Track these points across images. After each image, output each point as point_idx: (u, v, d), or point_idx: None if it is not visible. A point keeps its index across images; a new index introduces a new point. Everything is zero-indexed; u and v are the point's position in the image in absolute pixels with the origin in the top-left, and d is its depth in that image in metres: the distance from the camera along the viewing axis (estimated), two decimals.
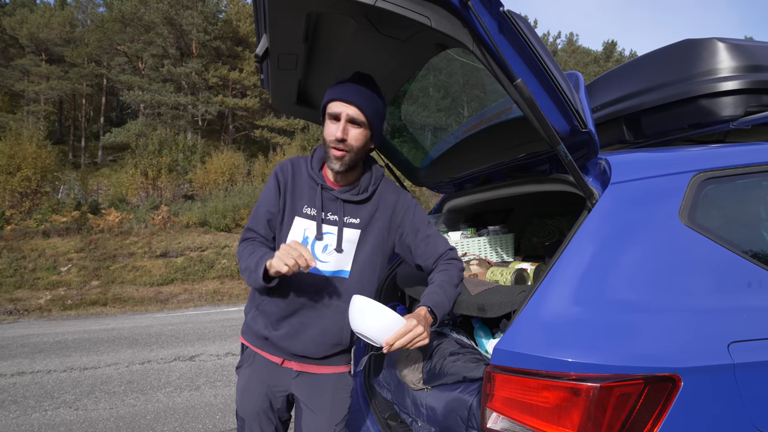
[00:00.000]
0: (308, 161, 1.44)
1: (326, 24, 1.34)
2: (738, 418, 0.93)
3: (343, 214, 1.38)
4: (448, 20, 1.02)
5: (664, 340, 0.95)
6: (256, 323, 1.41)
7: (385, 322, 1.13)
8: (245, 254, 1.34)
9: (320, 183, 1.39)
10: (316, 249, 1.37)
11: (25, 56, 25.75)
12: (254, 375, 1.42)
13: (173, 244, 12.69)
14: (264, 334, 1.40)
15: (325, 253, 1.37)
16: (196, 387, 4.04)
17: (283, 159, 1.42)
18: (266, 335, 1.40)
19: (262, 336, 1.41)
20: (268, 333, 1.39)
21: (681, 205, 1.10)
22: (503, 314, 1.19)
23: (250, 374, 1.43)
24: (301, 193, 1.40)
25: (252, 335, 1.43)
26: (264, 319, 1.40)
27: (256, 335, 1.42)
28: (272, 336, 1.39)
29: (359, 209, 1.40)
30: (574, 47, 37.28)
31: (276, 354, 1.41)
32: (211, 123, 27.09)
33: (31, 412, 3.57)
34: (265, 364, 1.42)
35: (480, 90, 1.78)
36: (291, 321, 1.38)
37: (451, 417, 1.33)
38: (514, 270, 1.43)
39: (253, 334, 1.43)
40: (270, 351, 1.41)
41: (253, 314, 1.43)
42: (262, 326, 1.40)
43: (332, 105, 1.31)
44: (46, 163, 15.47)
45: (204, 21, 24.55)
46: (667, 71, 1.78)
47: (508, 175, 1.74)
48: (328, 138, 1.32)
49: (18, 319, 8.52)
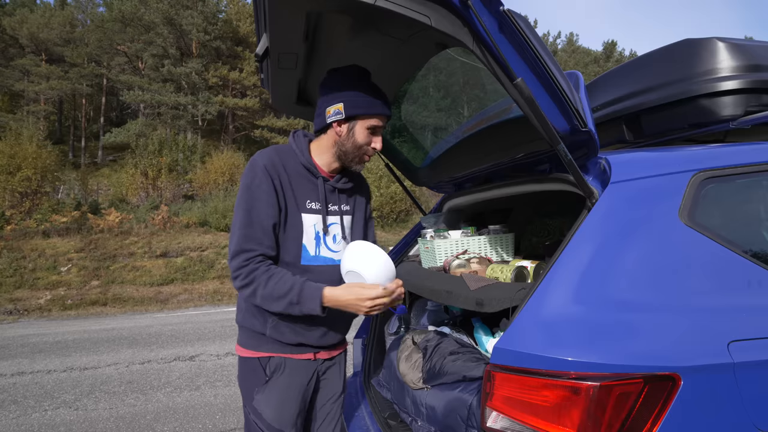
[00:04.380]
0: (297, 153, 1.39)
1: (326, 23, 1.34)
2: (737, 417, 0.93)
3: (340, 202, 1.44)
4: (448, 19, 1.02)
5: (663, 339, 0.95)
6: (279, 333, 1.35)
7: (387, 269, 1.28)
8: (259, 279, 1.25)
9: (320, 176, 1.40)
10: (328, 241, 1.41)
11: (25, 56, 25.73)
12: (291, 382, 1.38)
13: (173, 244, 12.69)
14: (297, 341, 1.37)
15: (335, 244, 1.42)
16: (196, 387, 4.04)
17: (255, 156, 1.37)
18: (300, 341, 1.37)
19: (293, 342, 1.37)
20: (303, 338, 1.37)
21: (681, 204, 1.10)
22: (502, 309, 1.19)
23: (287, 383, 1.37)
24: (300, 188, 1.37)
25: (276, 344, 1.37)
26: (289, 325, 1.35)
27: (283, 343, 1.37)
28: (308, 338, 1.38)
29: (348, 196, 1.48)
30: (574, 47, 37.28)
31: (309, 351, 1.41)
32: (211, 123, 27.07)
33: (31, 412, 3.57)
34: (297, 366, 1.39)
35: (480, 90, 1.78)
36: (319, 319, 1.37)
37: (451, 416, 1.33)
38: (514, 267, 1.43)
39: (279, 343, 1.37)
40: (303, 351, 1.40)
41: (273, 324, 1.35)
42: (289, 333, 1.36)
43: (376, 120, 1.35)
44: (47, 163, 15.46)
45: (204, 21, 24.52)
46: (667, 71, 1.78)
47: (508, 175, 1.74)
48: (365, 147, 1.37)
49: (18, 319, 8.52)
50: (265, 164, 1.31)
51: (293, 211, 1.35)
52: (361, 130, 1.35)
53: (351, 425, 1.71)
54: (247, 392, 1.38)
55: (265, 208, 1.29)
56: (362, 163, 1.40)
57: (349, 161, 1.39)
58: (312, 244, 1.37)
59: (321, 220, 1.38)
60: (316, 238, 1.38)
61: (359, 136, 1.35)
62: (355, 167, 1.41)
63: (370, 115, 1.34)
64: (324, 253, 1.40)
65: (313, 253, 1.38)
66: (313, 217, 1.37)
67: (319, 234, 1.38)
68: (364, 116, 1.34)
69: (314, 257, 1.38)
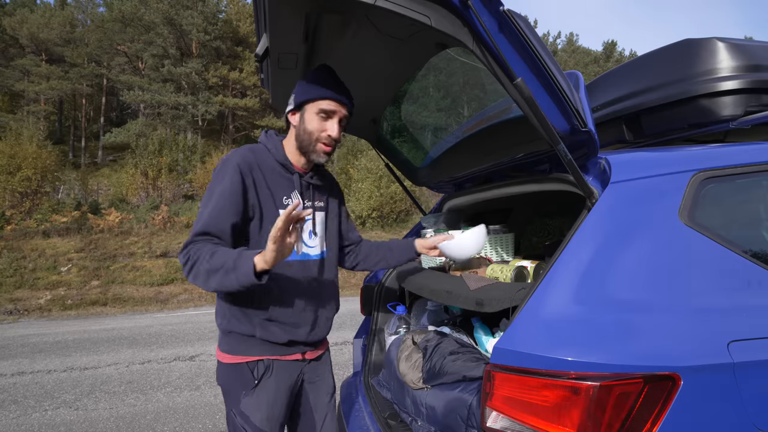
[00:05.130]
0: (272, 151, 1.39)
1: (326, 23, 1.34)
2: (737, 417, 0.93)
3: (313, 198, 1.47)
4: (448, 19, 1.02)
5: (663, 339, 0.95)
6: (270, 333, 1.35)
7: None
8: (203, 255, 1.17)
9: (295, 172, 1.41)
10: (303, 237, 1.40)
11: (25, 56, 25.74)
12: (279, 383, 1.38)
13: (173, 244, 12.69)
14: (287, 339, 1.37)
15: (310, 239, 1.44)
16: (196, 387, 4.04)
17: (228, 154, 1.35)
18: (290, 338, 1.37)
19: (283, 342, 1.37)
20: (292, 335, 1.37)
21: (681, 204, 1.10)
22: (502, 309, 1.19)
23: (275, 385, 1.37)
24: (276, 185, 1.37)
25: (266, 346, 1.36)
26: (278, 325, 1.35)
27: (273, 344, 1.37)
28: (296, 336, 1.38)
29: (320, 193, 1.50)
30: (574, 47, 37.29)
31: (297, 351, 1.42)
32: (211, 123, 27.08)
33: (31, 412, 3.57)
34: (285, 367, 1.39)
35: (480, 90, 1.78)
36: (305, 315, 1.40)
37: (451, 416, 1.33)
38: (514, 267, 1.43)
39: (267, 345, 1.36)
40: (292, 351, 1.40)
41: (261, 324, 1.34)
42: (279, 332, 1.35)
43: (325, 103, 1.35)
44: (47, 163, 15.48)
45: (204, 21, 24.54)
46: (667, 71, 1.78)
47: (508, 175, 1.74)
48: (318, 133, 1.35)
49: (18, 319, 8.52)
50: (239, 163, 1.30)
51: (270, 208, 1.34)
52: (311, 115, 1.35)
53: (351, 425, 1.71)
54: (232, 396, 1.35)
55: (228, 207, 1.26)
56: (321, 153, 1.37)
57: (307, 151, 1.38)
58: None
59: None
60: None
61: (309, 122, 1.35)
62: (316, 158, 1.38)
63: (315, 99, 1.34)
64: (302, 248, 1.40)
65: None
66: None
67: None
68: (311, 100, 1.35)
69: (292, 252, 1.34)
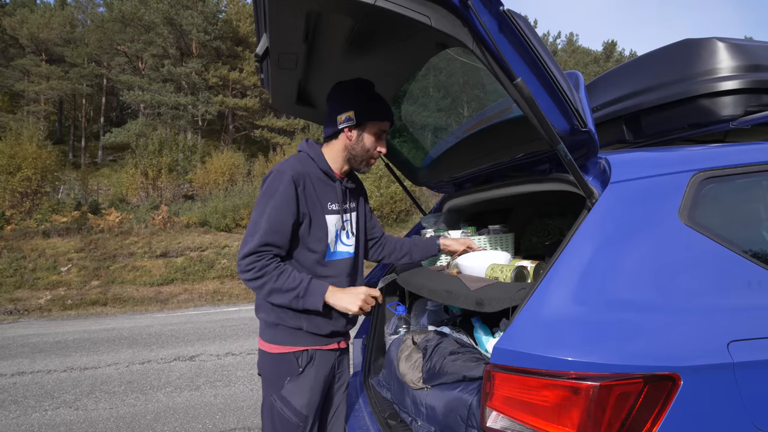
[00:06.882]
0: (315, 159, 1.51)
1: (326, 23, 1.34)
2: (737, 416, 0.93)
3: (349, 201, 1.60)
4: (448, 19, 1.02)
5: (663, 339, 0.95)
6: (315, 326, 1.46)
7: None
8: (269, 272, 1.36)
9: (337, 179, 1.54)
10: (342, 237, 1.55)
11: (25, 56, 25.74)
12: (319, 371, 1.50)
13: (173, 244, 12.69)
14: (329, 330, 1.48)
15: (348, 239, 1.58)
16: (196, 387, 4.04)
17: (280, 165, 1.46)
18: (332, 329, 1.49)
19: (326, 333, 1.48)
20: (334, 327, 1.49)
21: (681, 204, 1.10)
22: (502, 309, 1.19)
23: (316, 372, 1.49)
24: (323, 192, 1.50)
25: (311, 337, 1.48)
26: (323, 318, 1.47)
27: (317, 335, 1.48)
28: (337, 327, 1.50)
29: (353, 195, 1.63)
30: (574, 47, 37.28)
31: (335, 341, 1.54)
32: (211, 123, 27.08)
33: (31, 412, 3.57)
34: (324, 357, 1.51)
35: (480, 90, 1.78)
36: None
37: (451, 416, 1.33)
38: (514, 267, 1.43)
39: (314, 336, 1.48)
40: (331, 341, 1.52)
41: (308, 319, 1.46)
42: (324, 324, 1.47)
43: (386, 125, 1.52)
44: (47, 163, 15.46)
45: (204, 21, 24.52)
46: (666, 71, 1.78)
47: (508, 175, 1.74)
48: (373, 150, 1.52)
49: (18, 319, 8.52)
50: (293, 175, 1.42)
51: (318, 214, 1.47)
52: (369, 135, 1.50)
53: (351, 425, 1.71)
54: (275, 383, 1.47)
55: (286, 215, 1.39)
56: (369, 166, 1.53)
57: (357, 164, 1.54)
58: (333, 242, 1.52)
59: (340, 219, 1.53)
60: (336, 235, 1.53)
61: (367, 140, 1.50)
62: (363, 170, 1.55)
63: (377, 121, 1.49)
64: (340, 248, 1.55)
65: (333, 249, 1.53)
66: (334, 218, 1.51)
67: (338, 232, 1.53)
68: (373, 122, 1.49)
69: (333, 253, 1.53)
